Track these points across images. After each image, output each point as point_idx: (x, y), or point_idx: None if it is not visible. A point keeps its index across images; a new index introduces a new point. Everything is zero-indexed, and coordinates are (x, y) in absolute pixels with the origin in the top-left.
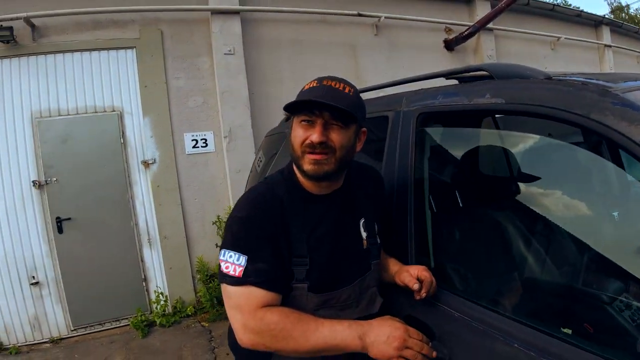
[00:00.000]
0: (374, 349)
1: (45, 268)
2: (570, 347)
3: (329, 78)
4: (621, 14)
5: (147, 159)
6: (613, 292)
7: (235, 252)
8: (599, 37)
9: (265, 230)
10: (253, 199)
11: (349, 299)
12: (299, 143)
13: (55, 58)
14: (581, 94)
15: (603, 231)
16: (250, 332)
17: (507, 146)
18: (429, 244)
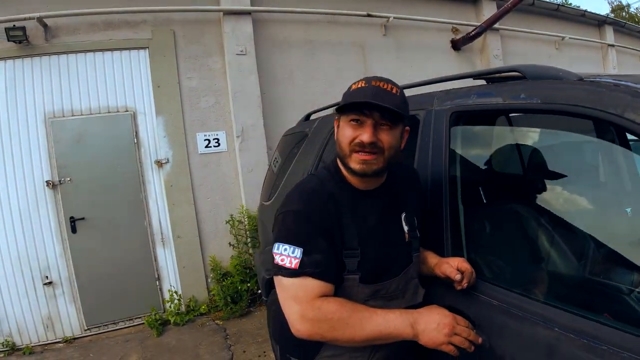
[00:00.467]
0: (424, 337)
1: (59, 268)
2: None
3: (376, 78)
4: (621, 13)
5: (160, 159)
6: (630, 284)
7: (290, 245)
8: (602, 37)
9: (320, 223)
10: (307, 193)
11: (396, 289)
12: (348, 142)
13: (68, 58)
14: (614, 94)
15: (619, 226)
16: (309, 321)
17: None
18: (462, 237)
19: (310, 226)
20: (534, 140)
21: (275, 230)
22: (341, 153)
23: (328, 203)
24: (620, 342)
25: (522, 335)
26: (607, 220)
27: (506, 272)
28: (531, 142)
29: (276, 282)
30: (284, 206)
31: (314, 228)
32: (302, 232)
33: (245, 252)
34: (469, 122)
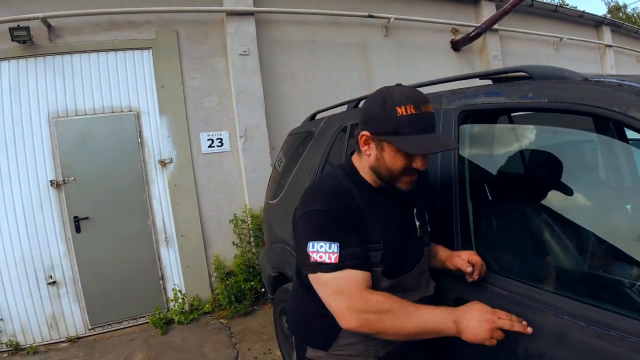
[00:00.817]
0: (467, 333)
1: (63, 267)
2: (614, 315)
3: (421, 100)
4: (618, 14)
5: (164, 159)
6: (632, 278)
7: (326, 242)
8: (600, 37)
9: (347, 218)
10: (328, 192)
11: (412, 282)
12: (400, 169)
13: (72, 58)
14: (618, 94)
15: (619, 222)
16: (358, 313)
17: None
18: (471, 232)
19: (338, 223)
20: (538, 138)
21: (300, 231)
22: (388, 176)
23: (349, 200)
24: (629, 327)
25: (533, 323)
26: (608, 216)
27: (514, 264)
28: (537, 140)
29: (315, 279)
30: (306, 205)
31: (343, 224)
32: (333, 228)
33: (248, 251)
34: (477, 121)
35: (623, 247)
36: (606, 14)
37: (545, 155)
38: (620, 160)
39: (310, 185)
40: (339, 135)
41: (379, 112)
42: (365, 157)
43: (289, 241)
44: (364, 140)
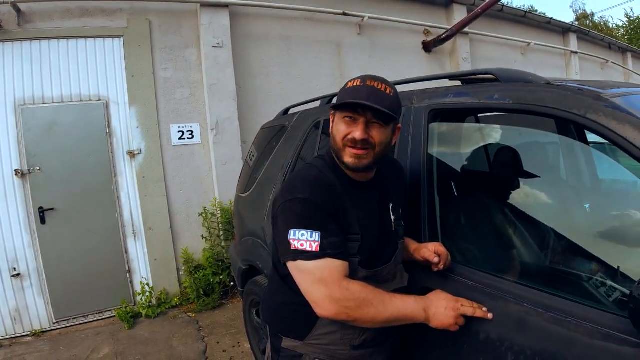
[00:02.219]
0: (435, 320)
1: (27, 259)
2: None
3: (372, 78)
4: (585, 22)
5: (132, 150)
6: (588, 271)
7: (307, 230)
8: (566, 44)
9: (328, 208)
10: (310, 181)
11: (388, 274)
12: (341, 137)
13: (41, 45)
14: (578, 97)
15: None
16: (337, 302)
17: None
18: (437, 225)
19: (320, 212)
20: (504, 139)
21: (281, 219)
22: (335, 147)
23: (330, 190)
24: (582, 313)
25: (495, 310)
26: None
27: (478, 256)
28: (502, 140)
29: (295, 267)
30: (288, 194)
31: (324, 213)
32: (314, 217)
33: (217, 244)
34: (446, 119)
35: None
36: (574, 22)
37: (508, 155)
38: (580, 162)
39: (292, 175)
40: (312, 130)
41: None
42: None
43: (259, 234)
44: (331, 120)
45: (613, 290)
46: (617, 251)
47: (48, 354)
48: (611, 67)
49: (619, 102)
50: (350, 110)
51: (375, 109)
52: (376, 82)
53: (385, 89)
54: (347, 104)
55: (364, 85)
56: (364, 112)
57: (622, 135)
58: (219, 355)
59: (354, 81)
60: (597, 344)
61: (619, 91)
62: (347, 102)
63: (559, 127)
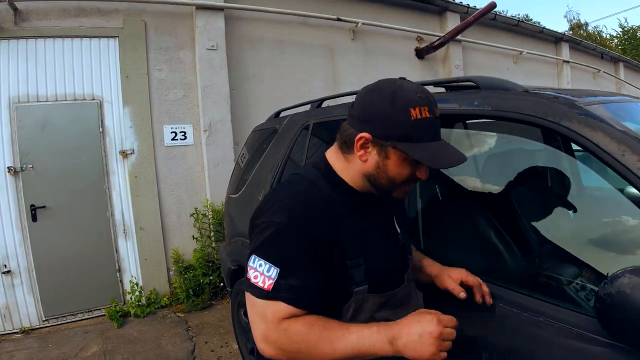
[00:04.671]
0: (409, 352)
1: (18, 257)
2: (549, 305)
3: (434, 102)
4: (579, 31)
5: (125, 149)
6: (570, 276)
7: (267, 262)
8: (559, 53)
9: (307, 237)
10: (294, 200)
11: (403, 297)
12: (405, 178)
13: (37, 43)
14: (553, 105)
15: (562, 226)
16: (272, 343)
17: (487, 148)
18: (419, 228)
19: (292, 244)
20: (489, 145)
21: (252, 240)
22: (388, 185)
23: (320, 209)
24: (557, 314)
25: (473, 309)
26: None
27: (458, 258)
28: (486, 146)
29: (247, 296)
30: (265, 213)
31: (298, 244)
32: (281, 249)
33: (208, 245)
34: None
35: (564, 249)
36: (568, 31)
37: (492, 162)
38: (564, 169)
39: (277, 188)
40: (302, 133)
41: (387, 112)
42: (358, 161)
43: (249, 235)
44: (362, 143)
45: (592, 293)
46: (597, 255)
47: (37, 351)
48: (603, 76)
49: (592, 110)
50: None
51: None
52: (437, 108)
53: (438, 112)
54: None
55: (435, 118)
56: None
57: (595, 142)
58: (207, 355)
59: (421, 109)
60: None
61: (594, 99)
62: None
63: (544, 134)
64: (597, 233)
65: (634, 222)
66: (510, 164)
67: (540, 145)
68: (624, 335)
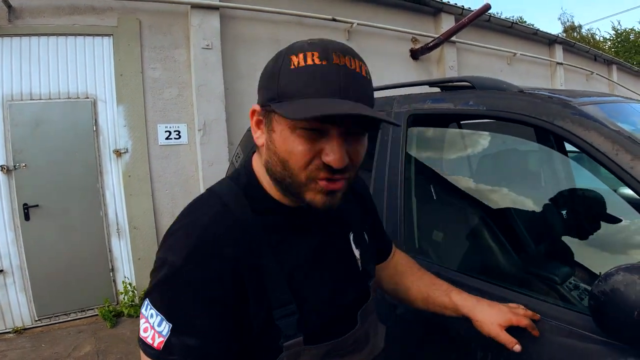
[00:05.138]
0: None
1: (10, 256)
2: (543, 303)
3: (335, 49)
4: (573, 34)
5: (119, 148)
6: (564, 275)
7: (158, 313)
8: (552, 55)
9: (208, 283)
10: (194, 231)
11: (357, 340)
12: (304, 164)
13: (30, 41)
14: (548, 105)
15: (555, 225)
16: None
17: (482, 148)
18: (414, 228)
19: (189, 292)
20: (483, 145)
21: (151, 277)
22: (287, 177)
23: (233, 244)
24: (550, 312)
25: None
26: (544, 219)
27: (454, 257)
28: (481, 146)
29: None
30: (164, 244)
31: (196, 294)
32: (175, 299)
33: None
34: (424, 124)
35: (557, 249)
36: (561, 33)
37: (487, 162)
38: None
39: (187, 208)
40: None
41: (269, 69)
42: (260, 150)
43: None
44: (255, 120)
45: (585, 292)
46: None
47: (30, 351)
48: (596, 78)
49: (586, 109)
50: (319, 120)
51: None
52: (347, 58)
53: (361, 69)
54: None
55: (331, 66)
56: (341, 120)
57: (588, 141)
58: None
59: (306, 55)
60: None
61: (588, 100)
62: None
63: (538, 135)
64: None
65: (627, 222)
66: (504, 163)
67: (534, 145)
68: (617, 333)
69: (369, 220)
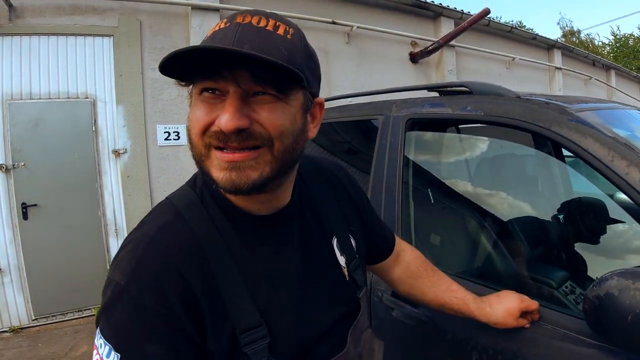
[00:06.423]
0: None
1: (8, 255)
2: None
3: (248, 12)
4: (572, 39)
5: (118, 149)
6: (560, 279)
7: (106, 343)
8: (551, 60)
9: (158, 308)
10: (140, 249)
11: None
12: (200, 131)
13: (31, 40)
14: (544, 111)
15: (552, 230)
16: None
17: (478, 153)
18: (412, 231)
19: (137, 318)
20: (481, 149)
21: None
22: (194, 152)
23: (187, 260)
24: (546, 316)
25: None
26: (541, 223)
27: (450, 260)
28: (478, 151)
29: None
30: (114, 261)
31: (144, 321)
32: (123, 327)
33: None
34: (422, 128)
35: (554, 254)
36: (560, 38)
37: (483, 166)
38: (555, 173)
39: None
40: None
41: None
42: None
43: None
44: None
45: (581, 297)
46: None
47: (26, 350)
48: (595, 83)
49: (583, 116)
50: (209, 74)
51: (249, 59)
52: (255, 17)
53: (277, 28)
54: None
55: (232, 25)
56: (232, 75)
57: (584, 147)
58: None
59: (220, 22)
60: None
61: (585, 106)
62: (181, 50)
63: (535, 140)
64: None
65: (624, 227)
66: (501, 168)
67: (531, 150)
68: (611, 337)
69: (355, 218)
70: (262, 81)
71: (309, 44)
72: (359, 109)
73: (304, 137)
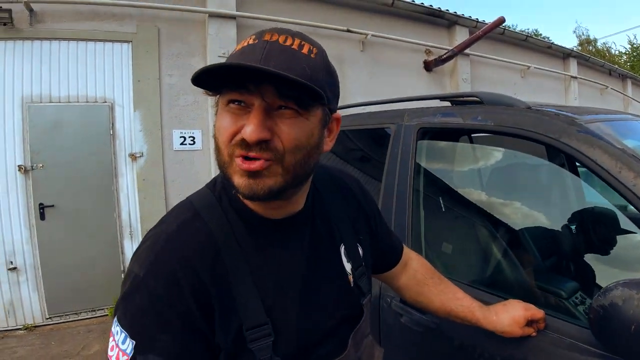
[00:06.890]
0: None
1: (25, 254)
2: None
3: (275, 30)
4: (588, 47)
5: (134, 152)
6: (570, 290)
7: (123, 331)
8: (566, 69)
9: (172, 300)
10: (161, 242)
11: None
12: (226, 140)
13: (51, 45)
14: (554, 122)
15: (564, 240)
16: None
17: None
18: (422, 239)
19: (151, 307)
20: (492, 158)
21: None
22: (220, 159)
23: (201, 257)
24: (552, 324)
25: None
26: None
27: (460, 268)
28: (489, 160)
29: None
30: (135, 254)
31: (158, 311)
32: (138, 314)
33: None
34: (433, 138)
35: (565, 264)
36: (577, 47)
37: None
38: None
39: (159, 222)
40: None
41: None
42: None
43: None
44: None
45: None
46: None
47: (39, 348)
48: (610, 93)
49: (592, 127)
50: (235, 87)
51: (276, 76)
52: (282, 36)
53: (301, 47)
54: (218, 69)
55: (260, 42)
56: (259, 89)
57: (593, 158)
58: None
59: (248, 38)
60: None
61: (595, 117)
62: (214, 65)
63: (548, 150)
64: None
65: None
66: (512, 177)
67: (544, 160)
68: (615, 346)
69: (364, 227)
70: (285, 97)
71: (330, 63)
72: (372, 117)
73: (318, 150)
